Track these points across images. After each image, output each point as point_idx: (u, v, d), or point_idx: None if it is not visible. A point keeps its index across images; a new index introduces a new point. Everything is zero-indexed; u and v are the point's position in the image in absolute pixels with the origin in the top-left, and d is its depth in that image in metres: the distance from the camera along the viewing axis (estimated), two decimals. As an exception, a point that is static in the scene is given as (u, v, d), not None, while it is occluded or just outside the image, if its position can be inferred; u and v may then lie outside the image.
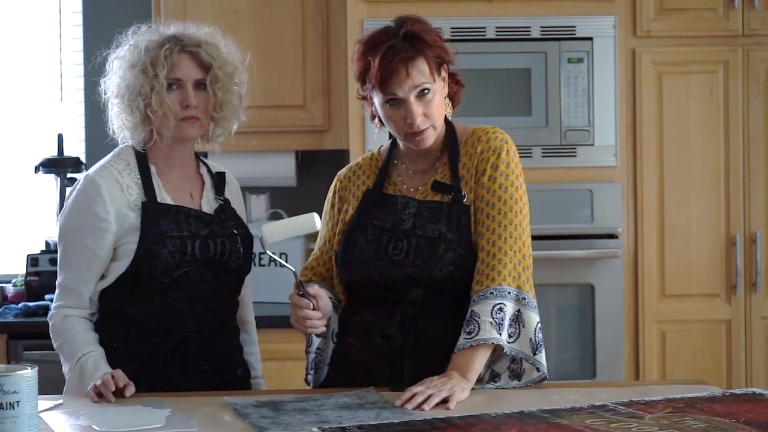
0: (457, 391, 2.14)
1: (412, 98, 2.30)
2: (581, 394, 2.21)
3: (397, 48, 2.30)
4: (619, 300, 3.84)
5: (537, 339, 2.31)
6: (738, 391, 2.15)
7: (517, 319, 2.30)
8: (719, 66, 3.89)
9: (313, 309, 2.27)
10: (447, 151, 2.40)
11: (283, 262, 2.35)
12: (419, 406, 2.08)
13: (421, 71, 2.30)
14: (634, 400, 2.07)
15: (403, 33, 2.32)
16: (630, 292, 3.88)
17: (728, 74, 3.88)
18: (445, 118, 2.43)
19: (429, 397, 2.11)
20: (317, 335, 2.39)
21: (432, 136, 2.36)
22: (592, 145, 3.82)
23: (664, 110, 3.88)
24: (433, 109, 2.32)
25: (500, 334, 2.25)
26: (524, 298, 2.30)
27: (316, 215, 2.29)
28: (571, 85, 3.81)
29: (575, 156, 3.82)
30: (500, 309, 2.26)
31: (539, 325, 2.32)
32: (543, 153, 3.81)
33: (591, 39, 3.80)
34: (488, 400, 2.16)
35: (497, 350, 2.28)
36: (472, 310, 2.27)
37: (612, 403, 2.05)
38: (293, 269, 2.30)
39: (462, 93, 2.46)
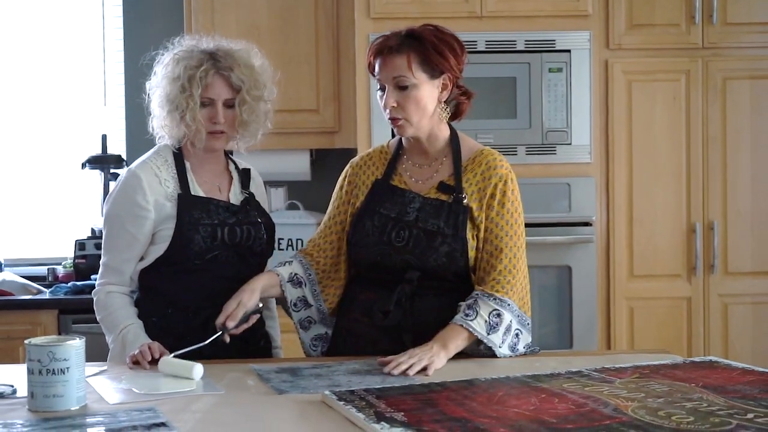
0: (435, 360, 2.13)
1: (390, 87, 2.29)
2: (560, 362, 2.22)
3: (388, 42, 2.29)
4: (593, 280, 3.84)
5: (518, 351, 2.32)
6: (697, 359, 2.16)
7: (516, 335, 2.29)
8: (682, 75, 3.89)
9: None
10: (452, 156, 2.38)
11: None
12: (404, 373, 2.07)
13: (397, 65, 2.26)
14: (606, 366, 2.08)
15: (407, 32, 2.30)
16: (603, 273, 3.88)
17: (689, 82, 3.88)
18: (450, 127, 2.41)
19: (411, 365, 2.09)
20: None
21: (408, 129, 2.32)
22: (570, 144, 3.83)
23: (633, 114, 3.88)
24: (409, 103, 2.28)
25: (488, 333, 2.24)
26: (528, 323, 2.33)
27: (198, 366, 2.07)
28: (552, 91, 3.81)
29: (555, 154, 3.83)
30: (498, 315, 2.25)
31: (529, 343, 2.35)
32: (527, 151, 3.81)
33: (569, 51, 3.80)
34: (479, 367, 2.16)
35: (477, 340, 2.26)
36: (476, 300, 2.26)
37: (586, 369, 2.05)
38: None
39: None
